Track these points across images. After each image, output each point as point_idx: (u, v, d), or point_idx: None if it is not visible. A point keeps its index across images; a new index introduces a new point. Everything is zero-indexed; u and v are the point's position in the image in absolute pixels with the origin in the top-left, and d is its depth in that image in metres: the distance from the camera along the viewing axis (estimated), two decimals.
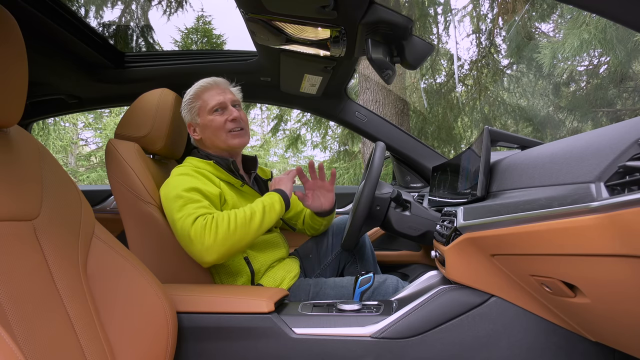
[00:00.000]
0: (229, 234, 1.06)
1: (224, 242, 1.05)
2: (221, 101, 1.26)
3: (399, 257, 1.80)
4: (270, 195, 1.19)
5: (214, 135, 1.26)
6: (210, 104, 1.25)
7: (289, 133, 7.61)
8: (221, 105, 1.26)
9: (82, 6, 3.94)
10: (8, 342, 0.47)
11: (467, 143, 6.05)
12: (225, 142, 1.26)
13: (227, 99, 1.27)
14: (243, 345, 0.92)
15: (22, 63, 0.72)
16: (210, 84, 1.29)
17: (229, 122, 1.25)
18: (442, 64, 5.88)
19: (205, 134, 1.27)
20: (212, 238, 1.04)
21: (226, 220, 1.07)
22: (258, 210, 1.13)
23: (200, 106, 1.27)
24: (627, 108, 4.75)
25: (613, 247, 0.48)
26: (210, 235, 1.04)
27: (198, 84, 1.30)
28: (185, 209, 1.08)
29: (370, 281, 1.06)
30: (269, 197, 1.19)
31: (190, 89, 1.30)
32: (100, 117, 11.84)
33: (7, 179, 0.70)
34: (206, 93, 1.27)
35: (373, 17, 0.99)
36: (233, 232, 1.06)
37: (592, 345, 0.80)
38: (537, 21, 4.93)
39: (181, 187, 1.12)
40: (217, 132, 1.25)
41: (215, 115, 1.25)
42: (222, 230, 1.05)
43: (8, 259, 0.64)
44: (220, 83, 1.30)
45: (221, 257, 1.07)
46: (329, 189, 1.38)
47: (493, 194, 0.83)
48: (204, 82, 1.30)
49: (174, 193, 1.12)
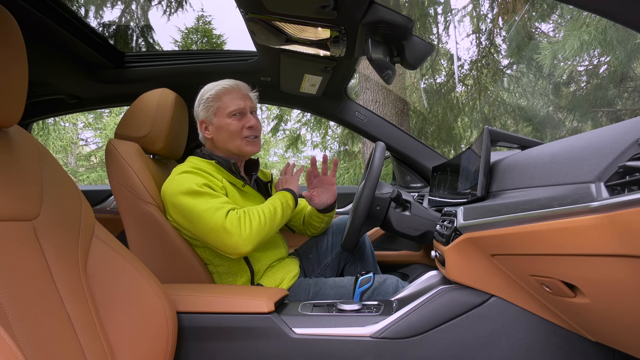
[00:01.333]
0: (261, 227, 1.12)
1: (258, 233, 1.11)
2: (242, 107, 1.26)
3: (399, 257, 1.80)
4: (283, 193, 1.26)
5: (229, 139, 1.26)
6: (230, 107, 1.25)
7: (289, 133, 7.61)
8: (241, 111, 1.26)
9: (82, 6, 3.94)
10: (8, 342, 0.47)
11: (467, 143, 6.06)
12: (239, 148, 1.26)
13: (247, 105, 1.27)
14: (243, 345, 0.92)
15: (22, 63, 0.72)
16: (232, 86, 1.28)
17: (245, 128, 1.26)
18: (442, 64, 5.88)
19: (219, 135, 1.27)
20: (249, 230, 1.09)
21: (257, 214, 1.14)
22: (278, 206, 1.20)
23: (219, 107, 1.26)
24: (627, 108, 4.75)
25: (613, 247, 0.48)
26: (247, 227, 1.10)
27: (220, 85, 1.29)
28: (212, 202, 1.10)
29: (370, 281, 1.06)
30: (282, 195, 1.26)
31: (210, 87, 1.29)
32: (100, 117, 11.83)
33: (7, 179, 0.70)
34: (227, 95, 1.26)
35: (373, 17, 0.99)
36: (264, 225, 1.13)
37: (592, 345, 0.80)
38: (537, 21, 4.93)
39: (193, 182, 1.12)
40: (233, 136, 1.25)
41: (233, 119, 1.25)
42: (256, 223, 1.12)
43: (8, 259, 0.64)
44: (242, 87, 1.30)
45: (254, 248, 1.12)
46: (331, 182, 1.40)
47: (493, 194, 0.83)
48: (227, 83, 1.29)
49: (185, 188, 1.11)
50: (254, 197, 1.31)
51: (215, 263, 1.22)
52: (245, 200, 1.27)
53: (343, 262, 1.45)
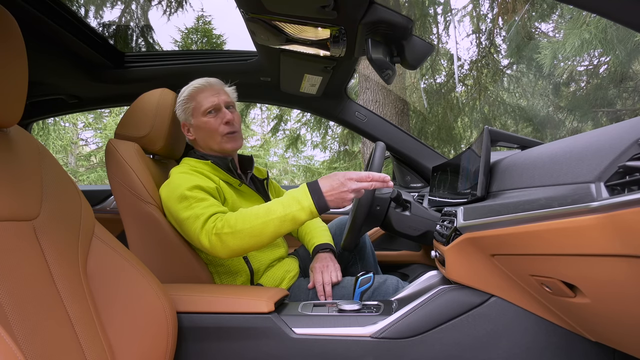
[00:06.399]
0: (243, 240, 1.02)
1: (234, 250, 1.03)
2: (215, 103, 1.24)
3: (399, 257, 1.80)
4: (301, 201, 1.00)
5: (209, 137, 1.25)
6: (204, 105, 1.24)
7: (289, 133, 7.62)
8: (215, 107, 1.24)
9: (82, 6, 3.94)
10: (8, 342, 0.47)
11: (467, 143, 6.06)
12: (220, 145, 1.25)
13: (221, 100, 1.25)
14: (243, 345, 0.92)
15: (22, 63, 0.72)
16: (204, 85, 1.27)
17: (222, 125, 1.24)
18: (442, 64, 5.88)
19: (199, 135, 1.27)
20: (221, 247, 1.03)
21: (241, 228, 1.01)
22: (275, 216, 1.00)
23: (194, 107, 1.25)
24: (627, 108, 4.75)
25: (613, 247, 0.48)
26: (222, 242, 1.02)
27: (192, 85, 1.29)
28: (194, 209, 1.08)
29: (370, 281, 1.06)
30: (297, 201, 1.00)
31: (184, 89, 1.29)
32: (100, 117, 11.83)
33: (7, 179, 0.70)
34: (200, 94, 1.25)
35: (373, 17, 0.99)
36: (246, 238, 1.01)
37: (592, 345, 0.80)
38: (537, 21, 4.93)
39: (184, 187, 1.12)
40: (212, 134, 1.25)
41: (209, 117, 1.24)
42: (237, 240, 1.01)
43: (8, 259, 0.64)
44: (214, 84, 1.29)
45: (233, 255, 1.05)
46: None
47: (493, 194, 0.83)
48: (198, 82, 1.28)
49: (177, 193, 1.12)
50: (250, 197, 1.30)
51: (214, 263, 1.22)
52: (243, 200, 1.26)
53: (343, 262, 1.45)
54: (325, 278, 1.18)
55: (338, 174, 1.00)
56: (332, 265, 1.23)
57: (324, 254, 1.28)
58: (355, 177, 0.97)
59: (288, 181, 12.97)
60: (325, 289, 1.17)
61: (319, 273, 1.20)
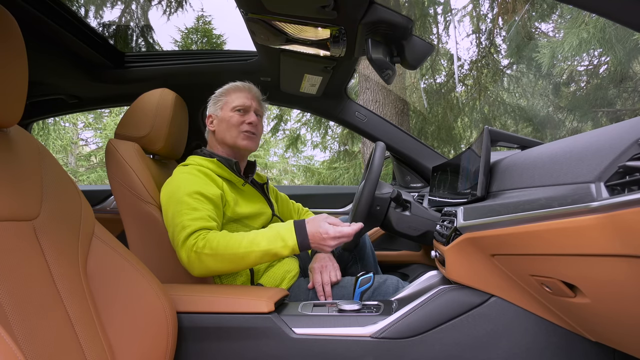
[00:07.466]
0: (217, 263, 1.04)
1: (209, 270, 1.05)
2: (247, 104, 1.31)
3: (399, 257, 1.80)
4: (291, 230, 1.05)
5: (227, 130, 1.29)
6: (235, 102, 1.30)
7: (289, 133, 7.61)
8: (244, 107, 1.31)
9: (82, 6, 3.94)
10: (8, 342, 0.47)
11: (467, 143, 6.06)
12: (234, 140, 1.29)
13: (252, 104, 1.32)
14: (243, 345, 0.92)
15: (22, 63, 0.72)
16: (244, 86, 1.35)
17: (245, 123, 1.29)
18: (442, 64, 5.88)
19: (220, 127, 1.31)
20: (197, 265, 1.05)
21: (216, 242, 1.03)
22: (258, 248, 1.03)
23: (226, 101, 1.32)
24: (627, 108, 4.75)
25: (613, 247, 0.48)
26: (200, 261, 1.04)
27: (233, 83, 1.36)
28: (182, 216, 1.09)
29: (370, 281, 1.06)
30: (287, 231, 1.05)
31: (225, 85, 1.36)
32: (100, 117, 11.84)
33: (7, 179, 0.70)
34: (236, 92, 1.32)
35: (373, 17, 0.99)
36: (223, 262, 1.04)
37: (592, 345, 0.80)
38: (537, 21, 4.93)
39: (183, 190, 1.13)
40: (231, 128, 1.29)
41: (236, 113, 1.30)
42: (217, 262, 1.04)
43: (8, 259, 0.64)
44: (253, 90, 1.36)
45: (208, 274, 1.07)
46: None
47: (493, 194, 0.83)
48: (240, 83, 1.36)
49: (176, 196, 1.13)
50: (253, 197, 1.32)
51: None
52: (245, 200, 1.27)
53: (343, 262, 1.45)
54: (325, 278, 1.19)
55: (321, 226, 1.04)
56: (331, 265, 1.23)
57: (322, 253, 1.29)
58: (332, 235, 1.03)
59: (288, 181, 12.97)
60: (325, 289, 1.18)
61: (317, 273, 1.21)
